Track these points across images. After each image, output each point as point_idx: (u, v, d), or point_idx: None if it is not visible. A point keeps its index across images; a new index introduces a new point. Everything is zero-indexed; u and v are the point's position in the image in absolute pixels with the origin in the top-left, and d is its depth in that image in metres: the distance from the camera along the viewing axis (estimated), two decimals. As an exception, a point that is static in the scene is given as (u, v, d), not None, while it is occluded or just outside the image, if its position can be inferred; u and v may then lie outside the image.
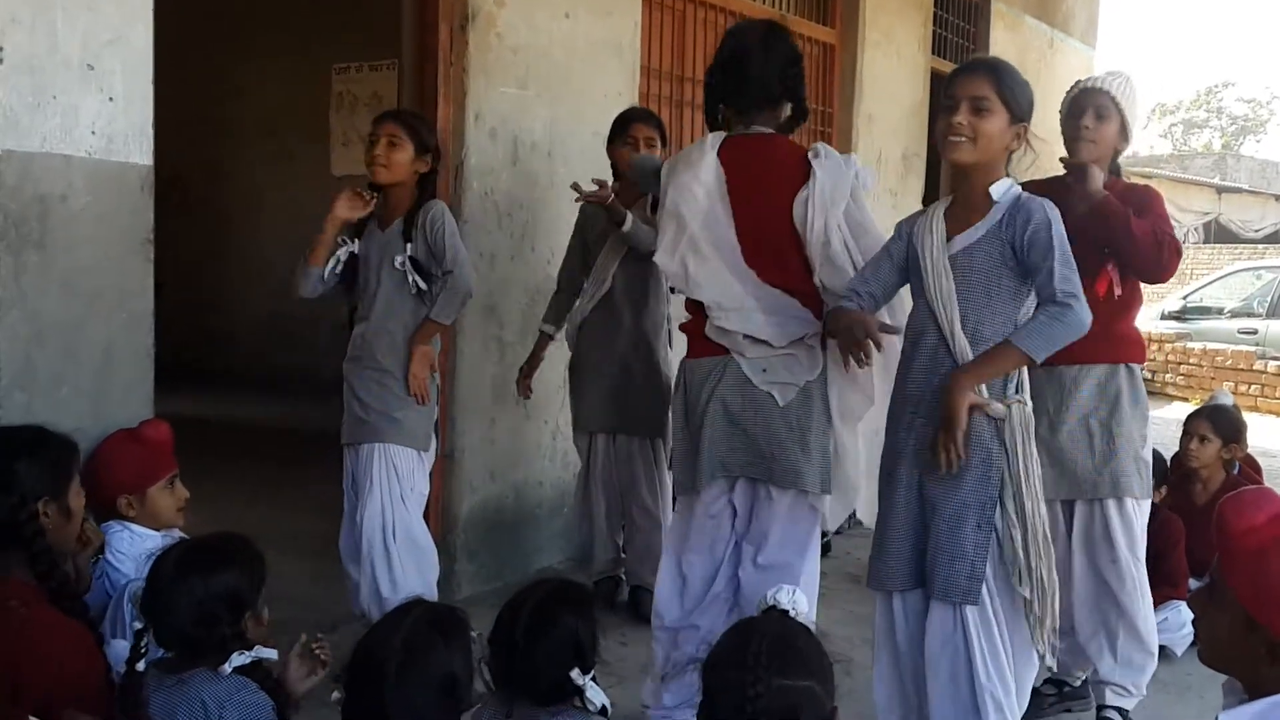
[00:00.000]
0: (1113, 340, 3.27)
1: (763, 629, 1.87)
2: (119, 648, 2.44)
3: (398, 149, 3.45)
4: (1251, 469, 4.79)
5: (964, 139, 2.62)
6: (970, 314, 2.63)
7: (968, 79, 2.66)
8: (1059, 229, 2.61)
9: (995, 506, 2.62)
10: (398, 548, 3.46)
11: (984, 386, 2.61)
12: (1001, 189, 2.67)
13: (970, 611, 2.63)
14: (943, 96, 2.72)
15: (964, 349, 2.62)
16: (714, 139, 3.10)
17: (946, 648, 2.67)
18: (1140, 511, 3.31)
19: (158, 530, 2.81)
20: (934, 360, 2.68)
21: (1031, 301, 2.66)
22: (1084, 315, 2.58)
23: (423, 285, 3.47)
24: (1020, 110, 2.65)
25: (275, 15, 9.00)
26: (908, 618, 2.78)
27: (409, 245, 3.45)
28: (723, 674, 1.82)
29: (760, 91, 3.06)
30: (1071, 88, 3.36)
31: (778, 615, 1.95)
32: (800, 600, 1.95)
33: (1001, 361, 2.60)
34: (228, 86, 9.40)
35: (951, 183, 2.81)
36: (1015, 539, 2.61)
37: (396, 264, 3.45)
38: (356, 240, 3.55)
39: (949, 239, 2.68)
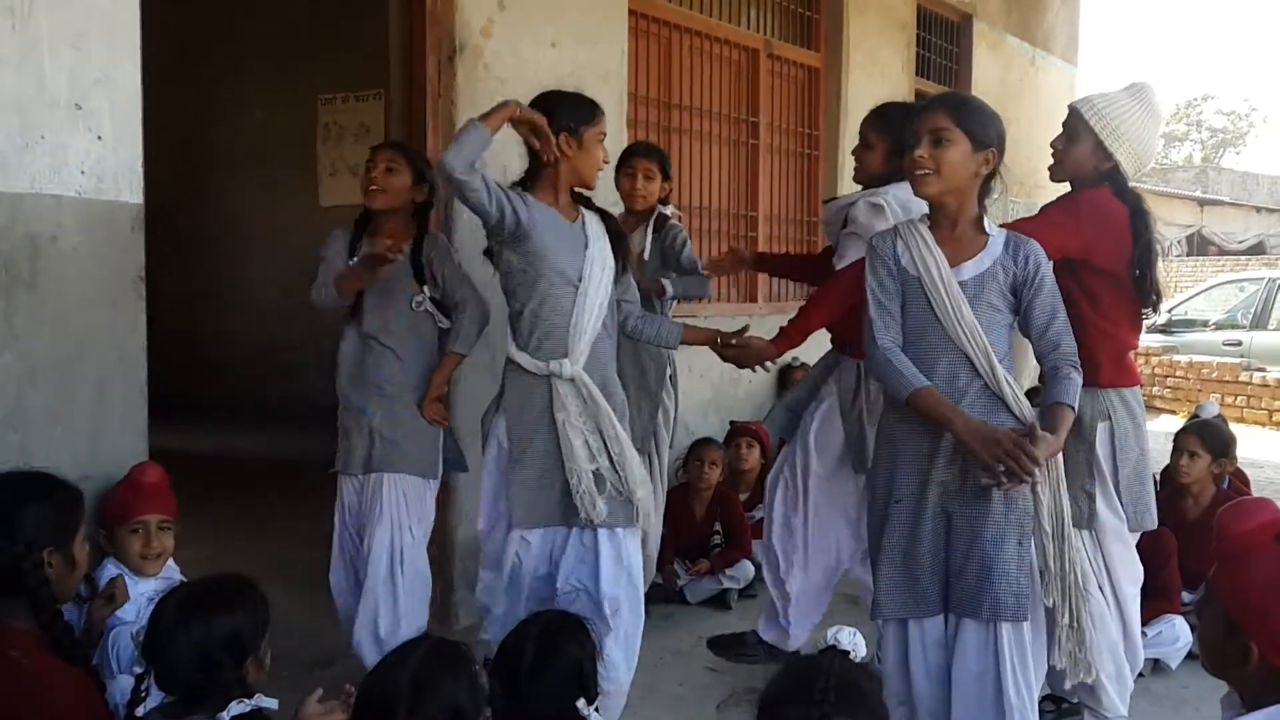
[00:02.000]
0: None
1: (827, 668, 1.81)
2: (124, 683, 2.43)
3: (395, 174, 3.43)
4: (1240, 481, 4.82)
5: (928, 172, 2.67)
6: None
7: (927, 114, 2.72)
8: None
9: (1031, 522, 2.66)
10: (405, 579, 3.41)
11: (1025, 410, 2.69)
12: (988, 223, 2.74)
13: (1006, 631, 2.64)
14: (907, 135, 2.75)
15: (1003, 375, 2.65)
16: None
17: (979, 670, 2.67)
18: (1100, 542, 3.19)
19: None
20: (953, 384, 2.68)
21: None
22: None
23: (445, 325, 3.49)
24: (984, 137, 2.68)
25: (263, 45, 9.03)
26: (926, 646, 2.77)
27: (425, 287, 3.44)
28: (783, 711, 1.75)
29: None
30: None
31: (839, 655, 1.89)
32: (859, 644, 1.93)
33: (1069, 422, 2.68)
34: (215, 115, 9.41)
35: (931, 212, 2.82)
36: (1049, 550, 2.65)
37: (414, 305, 3.43)
38: None
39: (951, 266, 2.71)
